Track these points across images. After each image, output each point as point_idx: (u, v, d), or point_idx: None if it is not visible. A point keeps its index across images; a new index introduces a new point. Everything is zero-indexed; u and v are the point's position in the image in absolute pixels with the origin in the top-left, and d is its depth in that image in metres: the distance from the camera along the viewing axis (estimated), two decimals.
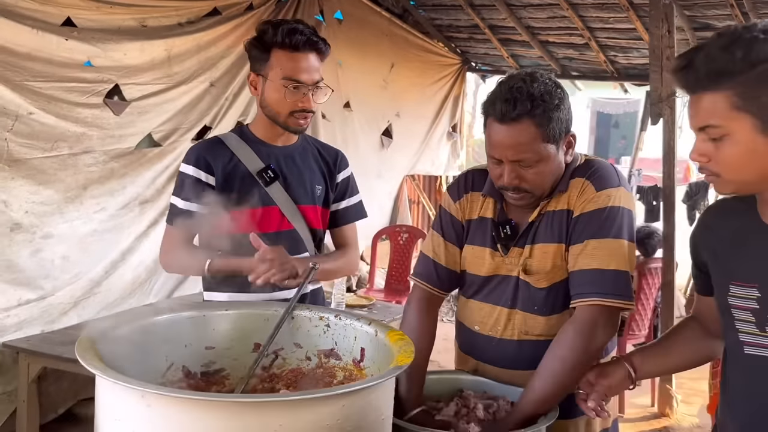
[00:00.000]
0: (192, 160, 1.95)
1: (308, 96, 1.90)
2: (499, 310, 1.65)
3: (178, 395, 0.99)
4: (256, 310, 1.52)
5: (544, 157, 1.53)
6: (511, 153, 1.51)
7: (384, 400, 1.15)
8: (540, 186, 1.57)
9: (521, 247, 1.62)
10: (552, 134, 1.52)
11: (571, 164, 1.62)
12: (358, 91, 6.05)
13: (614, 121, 25.00)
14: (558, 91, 1.53)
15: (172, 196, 1.98)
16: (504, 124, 1.50)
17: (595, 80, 7.46)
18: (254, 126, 2.03)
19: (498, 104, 1.50)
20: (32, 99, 3.39)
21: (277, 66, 1.88)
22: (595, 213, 1.54)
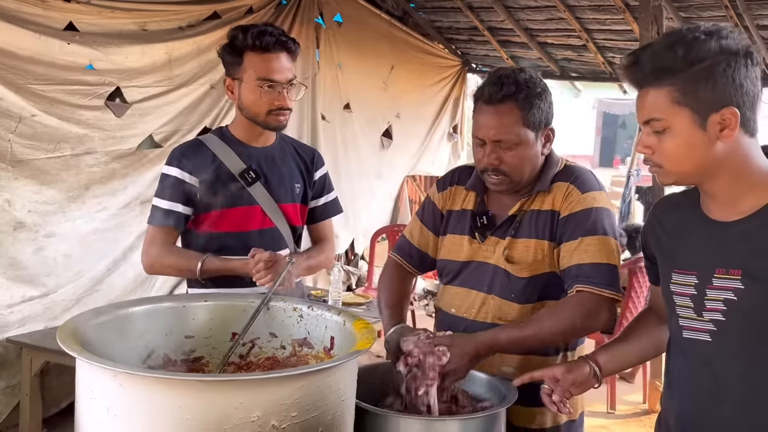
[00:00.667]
0: (175, 161, 2.02)
1: (283, 94, 1.98)
2: (475, 294, 1.77)
3: (148, 374, 1.08)
4: (234, 301, 1.61)
5: (523, 140, 1.66)
6: (493, 132, 1.65)
7: (345, 383, 1.23)
8: (517, 170, 1.68)
9: (500, 237, 1.74)
10: (532, 120, 1.66)
11: (552, 165, 1.75)
12: (358, 93, 6.14)
13: (621, 122, 24.95)
14: (542, 84, 1.69)
15: (154, 198, 2.03)
16: (490, 105, 1.65)
17: (594, 81, 7.51)
18: (234, 128, 2.10)
19: (486, 88, 1.67)
20: (35, 101, 3.50)
21: (250, 68, 1.97)
22: (583, 213, 1.67)
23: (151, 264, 2.04)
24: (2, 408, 3.53)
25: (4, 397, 3.54)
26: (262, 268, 1.86)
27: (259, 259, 1.87)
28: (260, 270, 1.86)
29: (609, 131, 24.97)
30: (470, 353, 1.55)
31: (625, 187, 7.24)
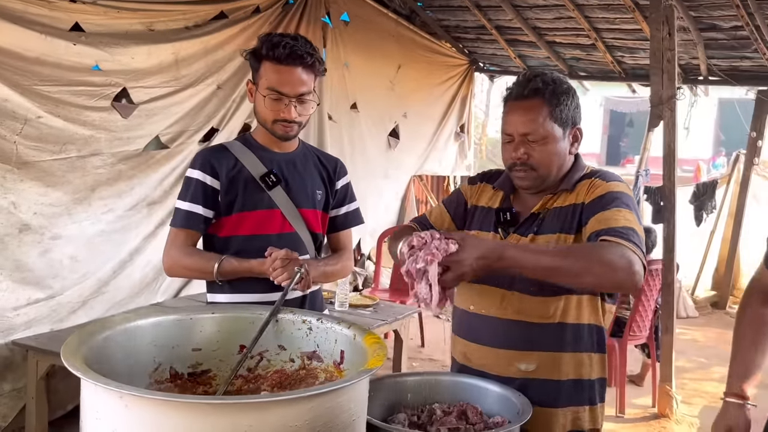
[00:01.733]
0: (198, 164, 2.03)
1: (290, 107, 1.97)
2: (495, 290, 1.74)
3: (154, 397, 1.05)
4: (241, 313, 1.58)
5: (551, 135, 1.68)
6: (521, 126, 1.68)
7: (356, 402, 1.20)
8: (545, 165, 1.70)
9: (522, 234, 1.73)
10: (559, 116, 1.68)
11: (578, 169, 1.76)
12: (365, 93, 6.11)
13: (629, 120, 24.84)
14: (567, 83, 1.73)
15: (177, 200, 2.04)
16: (518, 101, 1.70)
17: (603, 80, 7.46)
18: (255, 133, 2.12)
19: (515, 88, 1.73)
20: (41, 103, 3.48)
21: (264, 76, 1.97)
22: (608, 194, 1.66)
23: (170, 266, 2.04)
24: (8, 411, 3.52)
25: (10, 400, 3.53)
26: (279, 266, 1.87)
27: (275, 257, 1.87)
28: (277, 267, 1.86)
29: (616, 129, 24.87)
30: (479, 250, 1.46)
31: (633, 187, 7.17)
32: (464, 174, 7.95)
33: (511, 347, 1.71)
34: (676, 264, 4.31)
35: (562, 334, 1.70)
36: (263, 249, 1.93)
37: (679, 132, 4.25)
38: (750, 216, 7.25)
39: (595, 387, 1.76)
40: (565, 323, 1.70)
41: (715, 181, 7.35)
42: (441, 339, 5.81)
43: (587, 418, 1.74)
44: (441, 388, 1.68)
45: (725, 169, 17.01)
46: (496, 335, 1.73)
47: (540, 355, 1.70)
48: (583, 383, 1.73)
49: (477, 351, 1.75)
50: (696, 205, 6.94)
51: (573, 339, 1.71)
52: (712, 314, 7.16)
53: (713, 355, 5.83)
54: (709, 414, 4.46)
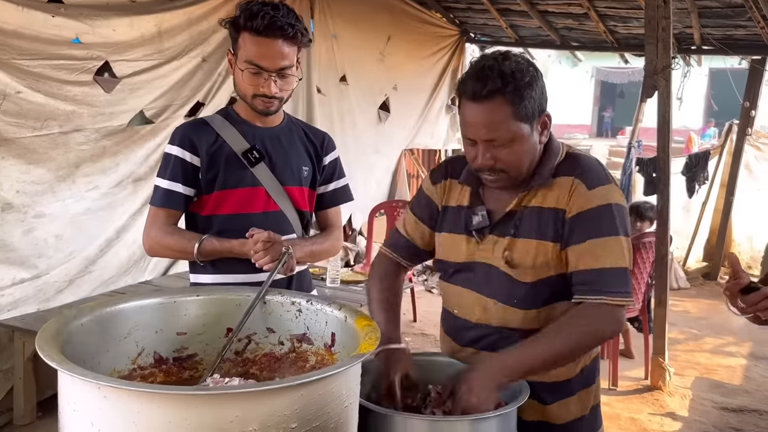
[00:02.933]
0: (177, 140, 1.94)
1: (269, 82, 1.86)
2: (477, 296, 1.64)
3: (133, 388, 0.99)
4: (227, 294, 1.52)
5: (518, 136, 1.51)
6: (483, 132, 1.50)
7: (348, 388, 1.15)
8: (516, 166, 1.55)
9: (499, 236, 1.61)
10: (525, 113, 1.49)
11: (552, 155, 1.60)
12: (354, 65, 5.99)
13: (619, 91, 24.73)
14: (530, 70, 1.51)
15: (156, 177, 1.95)
16: (476, 102, 1.49)
17: (595, 51, 7.38)
18: (238, 107, 2.02)
19: (469, 83, 1.49)
20: (20, 77, 3.37)
21: (242, 48, 1.86)
22: (591, 212, 1.53)
23: (151, 246, 1.97)
24: None
25: None
26: (261, 249, 1.80)
27: (257, 239, 1.80)
28: (259, 250, 1.80)
29: (607, 101, 24.77)
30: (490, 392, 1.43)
31: (625, 158, 7.14)
32: (456, 147, 7.87)
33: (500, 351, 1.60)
34: (669, 236, 4.27)
35: None
36: (247, 228, 1.86)
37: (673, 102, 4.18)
38: (742, 187, 7.24)
39: (587, 372, 1.71)
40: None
41: (707, 152, 7.31)
42: (433, 313, 5.79)
43: (582, 403, 1.70)
44: (436, 369, 1.63)
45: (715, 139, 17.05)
46: (483, 340, 1.65)
47: None
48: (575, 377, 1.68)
49: (465, 353, 1.68)
50: (688, 176, 6.91)
51: None
52: (704, 285, 7.18)
53: (705, 326, 5.85)
54: (701, 385, 4.50)
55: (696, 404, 4.20)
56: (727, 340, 5.53)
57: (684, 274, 7.14)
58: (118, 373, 1.37)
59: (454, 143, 7.83)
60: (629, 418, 3.94)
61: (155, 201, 1.95)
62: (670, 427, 3.87)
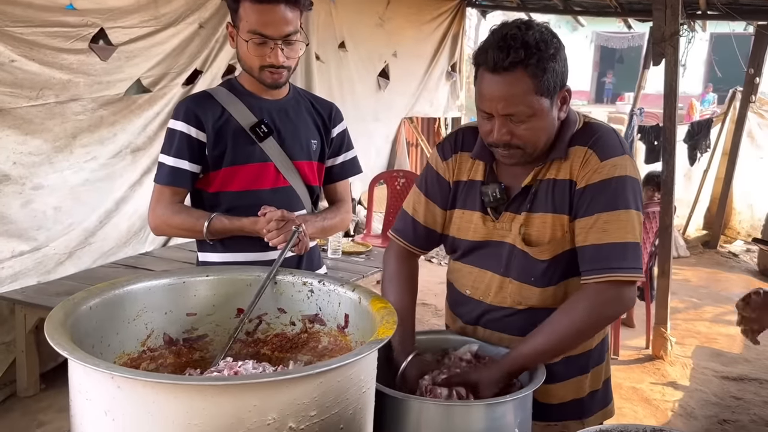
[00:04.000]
0: (181, 115, 1.86)
1: (276, 51, 1.79)
2: (491, 275, 1.60)
3: (148, 378, 0.96)
4: (237, 275, 1.49)
5: (537, 111, 1.44)
6: (502, 106, 1.43)
7: (366, 374, 1.13)
8: (532, 143, 1.49)
9: (515, 212, 1.56)
10: (546, 87, 1.42)
11: (569, 126, 1.54)
12: (353, 31, 5.88)
13: (618, 56, 24.49)
14: (554, 41, 1.44)
15: (160, 154, 1.89)
16: (496, 74, 1.42)
17: (598, 16, 7.24)
18: (242, 78, 1.94)
19: (490, 53, 1.41)
20: (13, 45, 3.28)
21: (244, 18, 1.78)
22: (602, 184, 1.47)
23: (157, 225, 1.91)
24: None
25: None
26: (274, 228, 1.74)
27: (270, 218, 1.75)
28: (272, 229, 1.74)
29: (606, 66, 24.53)
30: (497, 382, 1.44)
31: (627, 126, 7.08)
32: (456, 115, 7.78)
33: (512, 333, 1.59)
34: (673, 206, 4.25)
35: None
36: (256, 205, 1.80)
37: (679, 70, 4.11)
38: (744, 155, 7.19)
39: (597, 350, 1.69)
40: None
41: (710, 120, 7.25)
42: (433, 283, 5.78)
43: (588, 382, 1.68)
44: (449, 347, 1.61)
45: (714, 104, 16.93)
46: (495, 321, 1.62)
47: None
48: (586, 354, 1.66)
49: (476, 333, 1.65)
50: (690, 144, 6.85)
51: None
52: (704, 254, 7.18)
53: (705, 294, 5.86)
54: (701, 354, 4.52)
55: (697, 373, 4.22)
56: (727, 308, 5.55)
57: (684, 243, 7.14)
58: (128, 355, 1.34)
59: (454, 111, 7.74)
60: (630, 387, 3.96)
61: (160, 179, 1.88)
62: (671, 396, 3.89)
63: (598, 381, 1.71)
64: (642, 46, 16.56)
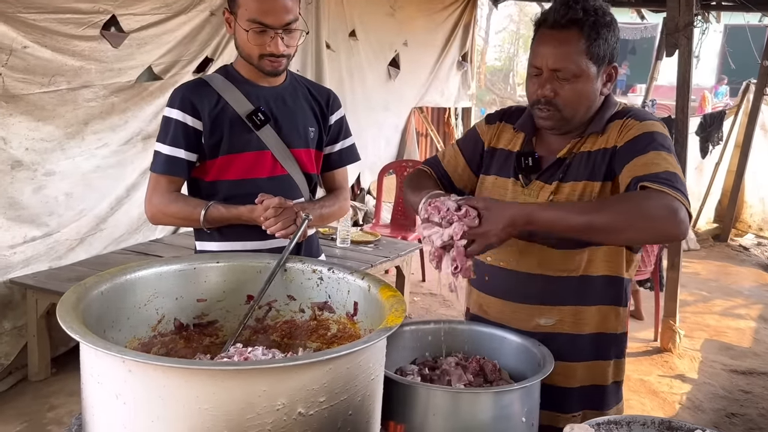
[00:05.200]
0: (177, 103, 1.84)
1: (276, 40, 1.78)
2: (513, 241, 1.59)
3: (159, 363, 0.97)
4: (248, 261, 1.49)
5: (584, 73, 1.50)
6: (552, 60, 1.50)
7: (374, 361, 1.13)
8: (572, 106, 1.53)
9: (546, 182, 1.59)
10: (596, 52, 1.50)
11: (609, 106, 1.60)
12: (363, 19, 5.86)
13: (631, 47, 24.28)
14: (611, 16, 1.54)
15: (156, 143, 1.87)
16: (552, 29, 1.51)
17: (613, 6, 7.15)
18: (239, 65, 1.92)
19: (551, 12, 1.52)
20: (26, 32, 3.30)
21: (243, 5, 1.77)
22: (643, 135, 1.51)
23: (153, 214, 1.90)
24: (10, 349, 3.49)
25: (11, 338, 3.50)
26: (272, 215, 1.74)
27: (267, 205, 1.74)
28: (269, 217, 1.74)
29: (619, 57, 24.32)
30: (505, 219, 1.35)
31: None
32: (467, 105, 7.76)
33: (531, 302, 1.60)
34: None
35: (585, 288, 1.58)
36: (253, 194, 1.79)
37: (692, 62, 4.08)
38: (757, 148, 7.13)
39: (622, 340, 1.68)
40: (590, 275, 1.58)
41: (722, 112, 7.19)
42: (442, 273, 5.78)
43: (611, 371, 1.67)
44: (457, 337, 1.62)
45: (727, 97, 16.76)
46: (515, 289, 1.63)
47: (561, 310, 1.60)
48: (609, 337, 1.64)
49: (494, 304, 1.66)
50: (702, 136, 6.80)
51: (598, 292, 1.59)
52: (714, 247, 7.14)
53: (715, 288, 5.84)
54: (710, 347, 4.51)
55: (705, 366, 4.21)
56: (737, 302, 5.53)
57: (694, 236, 7.10)
58: (139, 340, 1.35)
59: (465, 101, 7.71)
60: (638, 379, 3.96)
61: (156, 167, 1.87)
62: (679, 389, 3.89)
63: (620, 374, 1.70)
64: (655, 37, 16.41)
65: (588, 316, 1.60)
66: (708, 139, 6.83)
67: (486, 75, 17.94)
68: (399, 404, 1.34)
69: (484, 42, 18.46)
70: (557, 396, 1.57)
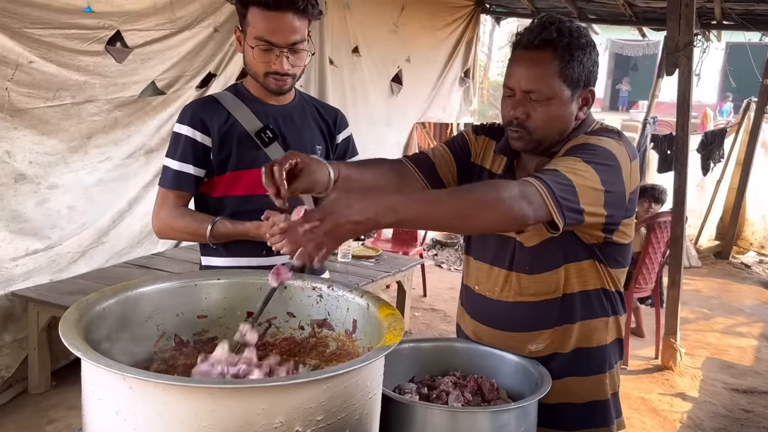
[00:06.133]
0: (187, 119, 1.88)
1: (281, 58, 1.81)
2: (498, 271, 1.63)
3: (159, 380, 0.98)
4: (248, 278, 1.50)
5: (557, 96, 1.48)
6: (524, 81, 1.48)
7: (372, 380, 1.14)
8: (544, 128, 1.50)
9: None
10: (570, 74, 1.47)
11: (585, 127, 1.57)
12: (367, 36, 5.90)
13: (633, 64, 24.40)
14: (588, 37, 1.51)
15: (165, 158, 1.91)
16: (526, 50, 1.49)
17: (613, 24, 7.23)
18: (249, 83, 1.96)
19: (525, 35, 1.50)
20: (32, 47, 3.33)
21: (252, 24, 1.80)
22: (579, 145, 1.47)
23: (161, 228, 1.93)
24: (10, 361, 3.50)
25: (12, 351, 3.51)
26: (278, 232, 1.76)
27: (273, 222, 1.76)
28: (275, 234, 1.76)
29: (621, 74, 24.45)
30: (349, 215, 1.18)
31: (640, 135, 7.06)
32: (469, 121, 7.79)
33: (520, 330, 1.60)
34: (685, 216, 4.23)
35: (569, 306, 1.59)
36: (260, 210, 1.79)
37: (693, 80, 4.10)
38: (758, 165, 7.15)
39: (610, 350, 1.69)
40: (571, 293, 1.58)
41: (723, 130, 7.21)
42: (442, 288, 5.79)
43: (607, 383, 1.68)
44: (455, 355, 1.63)
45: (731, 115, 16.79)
46: (503, 318, 1.63)
47: (550, 333, 1.60)
48: (598, 350, 1.64)
49: (487, 332, 1.67)
50: (703, 154, 6.82)
51: (581, 308, 1.59)
52: (715, 264, 7.14)
53: (716, 305, 5.83)
54: (711, 366, 4.50)
55: (706, 385, 4.20)
56: (738, 320, 5.52)
57: (696, 253, 7.10)
58: (139, 356, 1.36)
59: (467, 117, 7.74)
60: (639, 397, 3.95)
61: (165, 182, 1.90)
62: (680, 408, 3.88)
63: (615, 385, 1.71)
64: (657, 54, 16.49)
65: (576, 332, 1.61)
66: (709, 157, 6.85)
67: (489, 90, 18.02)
68: (397, 423, 1.34)
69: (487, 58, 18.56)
70: (557, 414, 1.57)
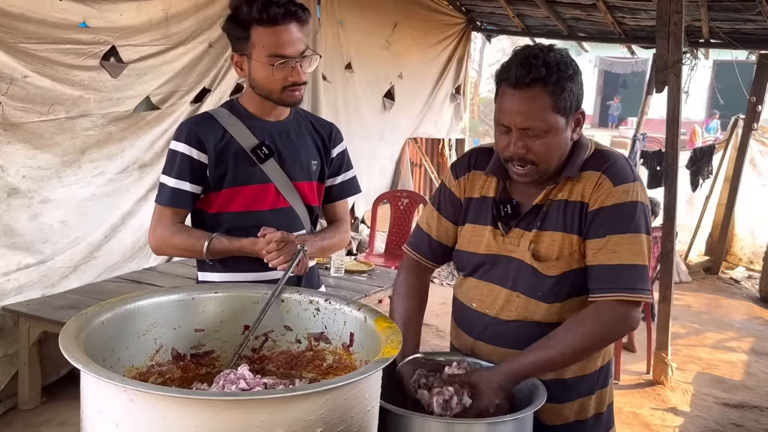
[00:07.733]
0: (183, 137, 1.89)
1: (297, 69, 1.85)
2: (499, 289, 1.65)
3: (160, 392, 0.99)
4: (245, 292, 1.51)
5: (553, 128, 1.52)
6: (520, 120, 1.51)
7: (370, 392, 1.15)
8: (546, 159, 1.55)
9: (525, 229, 1.61)
10: (563, 105, 1.51)
11: (580, 149, 1.61)
12: (359, 52, 5.96)
13: (622, 81, 24.63)
14: (573, 65, 1.54)
15: (162, 175, 1.91)
16: (517, 89, 1.50)
17: (602, 42, 7.32)
18: (245, 100, 1.97)
19: (513, 70, 1.51)
20: (27, 62, 3.34)
21: (259, 44, 1.82)
22: (614, 208, 1.54)
23: (157, 245, 1.94)
24: (1, 377, 3.47)
25: (2, 366, 3.48)
26: (274, 249, 1.77)
27: (269, 239, 1.78)
28: (271, 250, 1.77)
29: (610, 91, 24.68)
30: (496, 394, 1.47)
31: (630, 151, 7.13)
32: (459, 137, 7.85)
33: (517, 347, 1.60)
34: (675, 232, 4.27)
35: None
36: (256, 226, 1.83)
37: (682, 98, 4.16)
38: (746, 181, 7.22)
39: (603, 372, 1.72)
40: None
41: (712, 146, 7.30)
42: (434, 303, 5.78)
43: (599, 401, 1.71)
44: None
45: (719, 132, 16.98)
46: (501, 335, 1.65)
47: None
48: (592, 375, 1.69)
49: (483, 348, 1.68)
50: (692, 170, 6.89)
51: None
52: (705, 279, 7.18)
53: (707, 320, 5.86)
54: (702, 380, 4.52)
55: (697, 399, 4.22)
56: (729, 335, 5.55)
57: (686, 268, 7.15)
58: (137, 369, 1.37)
59: (458, 133, 7.80)
60: (631, 412, 3.96)
61: (162, 200, 1.91)
62: (671, 422, 3.89)
63: (602, 404, 1.73)
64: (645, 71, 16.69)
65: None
66: (698, 173, 6.93)
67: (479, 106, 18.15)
68: None
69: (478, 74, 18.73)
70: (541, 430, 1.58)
